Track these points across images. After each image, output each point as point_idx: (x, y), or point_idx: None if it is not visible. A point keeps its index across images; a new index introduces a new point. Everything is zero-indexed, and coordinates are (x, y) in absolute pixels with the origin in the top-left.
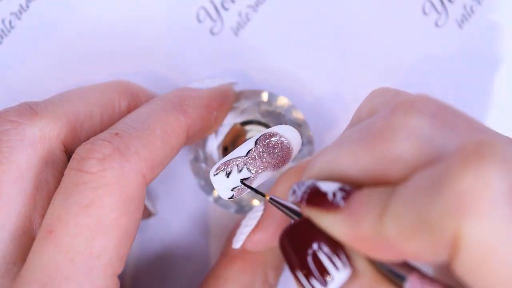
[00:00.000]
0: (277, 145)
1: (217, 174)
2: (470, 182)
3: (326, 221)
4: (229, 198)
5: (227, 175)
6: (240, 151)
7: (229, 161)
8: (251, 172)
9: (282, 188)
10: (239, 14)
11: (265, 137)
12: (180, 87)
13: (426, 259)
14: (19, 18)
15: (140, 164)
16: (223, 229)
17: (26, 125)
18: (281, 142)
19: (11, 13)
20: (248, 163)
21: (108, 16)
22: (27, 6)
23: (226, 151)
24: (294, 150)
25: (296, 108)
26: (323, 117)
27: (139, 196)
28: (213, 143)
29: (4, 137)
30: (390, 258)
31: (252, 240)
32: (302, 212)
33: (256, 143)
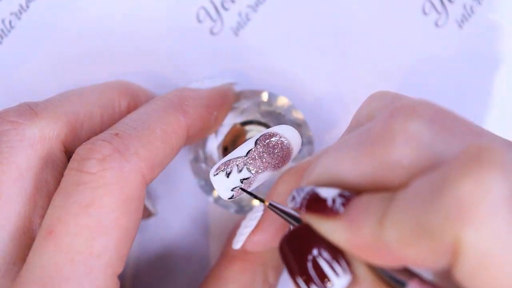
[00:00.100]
0: (277, 145)
1: (217, 174)
2: (469, 188)
3: (325, 227)
4: (229, 198)
5: (227, 175)
6: (240, 151)
7: (229, 161)
8: (251, 172)
9: (281, 189)
10: (239, 14)
11: (265, 137)
12: (180, 87)
13: (426, 265)
14: (19, 18)
15: (140, 164)
16: (223, 229)
17: (26, 126)
18: (281, 142)
19: (11, 13)
20: (248, 163)
21: (108, 16)
22: (27, 6)
23: (226, 151)
24: (294, 150)
25: (296, 108)
26: (323, 117)
27: (139, 196)
28: (213, 143)
29: (4, 137)
30: (390, 264)
31: (252, 241)
32: (302, 218)
33: (256, 143)
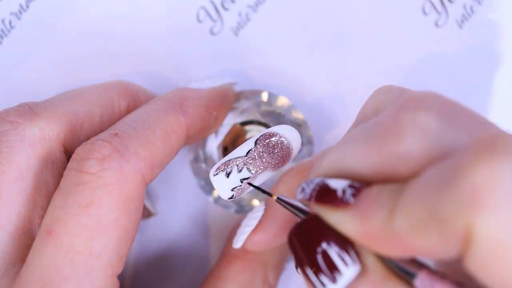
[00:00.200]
0: (277, 145)
1: (217, 174)
2: (483, 175)
3: (335, 218)
4: (229, 198)
5: (227, 175)
6: (240, 151)
7: (229, 161)
8: (251, 172)
9: (282, 189)
10: (239, 14)
11: (265, 137)
12: (180, 87)
13: (437, 254)
14: (19, 18)
15: (139, 164)
16: (223, 229)
17: (26, 126)
18: (281, 142)
19: (11, 13)
20: (248, 163)
21: (108, 16)
22: (27, 6)
23: (226, 151)
24: (294, 150)
25: (296, 108)
26: (323, 117)
27: (138, 196)
28: (213, 143)
29: (4, 137)
30: (400, 254)
31: (253, 240)
32: (312, 209)
33: (256, 143)
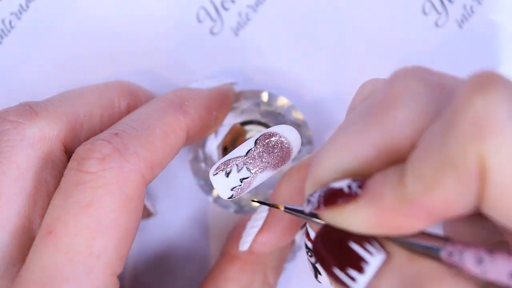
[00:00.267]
0: (276, 145)
1: (216, 173)
2: (481, 105)
3: (348, 216)
4: (228, 198)
5: (227, 175)
6: (240, 151)
7: (228, 161)
8: (250, 172)
9: (285, 188)
10: (239, 14)
11: (264, 137)
12: (180, 87)
13: (457, 207)
14: (19, 18)
15: (139, 164)
16: (223, 229)
17: (26, 125)
18: (280, 142)
19: (11, 13)
20: (248, 163)
21: (108, 16)
22: (27, 6)
23: (225, 151)
24: (294, 150)
25: (296, 108)
26: (323, 117)
27: (138, 196)
28: (213, 143)
29: (4, 137)
30: (420, 226)
31: (259, 242)
32: (323, 219)
33: (255, 143)
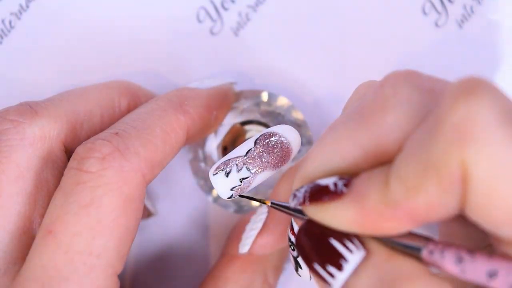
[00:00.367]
0: (276, 145)
1: (216, 173)
2: (463, 111)
3: (332, 213)
4: (228, 198)
5: (227, 175)
6: (240, 150)
7: (228, 161)
8: (250, 171)
9: (283, 189)
10: (239, 14)
11: (264, 137)
12: (180, 87)
13: (439, 211)
14: (19, 18)
15: (139, 163)
16: (223, 229)
17: (26, 125)
18: (280, 142)
19: (11, 13)
20: (248, 163)
21: (108, 16)
22: (27, 6)
23: (225, 150)
24: (294, 150)
25: (295, 108)
26: (323, 117)
27: (138, 195)
28: (213, 143)
29: (4, 136)
30: (402, 227)
31: (259, 244)
32: (307, 214)
33: (255, 142)
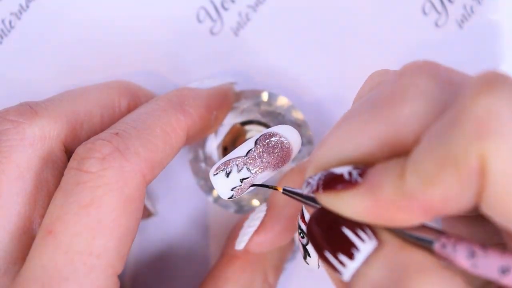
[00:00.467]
0: (277, 145)
1: (216, 174)
2: (485, 105)
3: (345, 202)
4: (228, 198)
5: (227, 175)
6: (240, 151)
7: (228, 161)
8: (250, 172)
9: (291, 181)
10: (239, 14)
11: (265, 137)
12: (180, 87)
13: (455, 203)
14: (19, 18)
15: (140, 164)
16: (223, 229)
17: (26, 125)
18: (281, 142)
19: (11, 13)
20: (248, 163)
21: (108, 16)
22: (27, 6)
23: (226, 151)
24: (294, 150)
25: (296, 108)
26: (323, 117)
27: (139, 195)
28: (213, 143)
29: (4, 136)
30: (414, 220)
31: (255, 242)
32: (320, 202)
33: (256, 143)
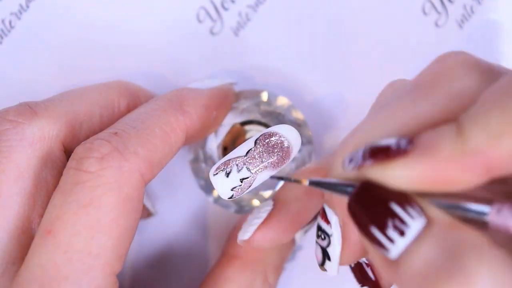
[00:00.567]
0: (276, 145)
1: (216, 174)
2: None
3: (398, 171)
4: (229, 198)
5: (227, 175)
6: (240, 150)
7: (228, 161)
8: (250, 171)
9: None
10: (239, 14)
11: (264, 137)
12: (180, 87)
13: None
14: (19, 18)
15: (139, 163)
16: (223, 229)
17: (26, 125)
18: (280, 141)
19: (11, 13)
20: (248, 163)
21: (108, 16)
22: (27, 6)
23: (225, 151)
24: (294, 149)
25: (295, 108)
26: (323, 117)
27: (138, 195)
28: (213, 143)
29: (4, 136)
30: (477, 180)
31: (260, 235)
32: (366, 176)
33: (255, 142)
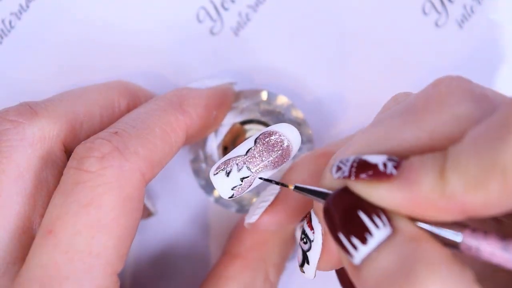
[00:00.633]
0: (276, 144)
1: (217, 173)
2: None
3: (379, 192)
4: (229, 197)
5: (227, 174)
6: (240, 150)
7: (228, 160)
8: (251, 171)
9: (296, 176)
10: (239, 14)
11: (264, 136)
12: (180, 87)
13: (495, 208)
14: (19, 18)
15: (139, 163)
16: (224, 229)
17: (26, 125)
18: (280, 140)
19: (11, 13)
20: (248, 162)
21: (108, 16)
22: (27, 6)
23: (226, 150)
24: (294, 148)
25: (295, 107)
26: (323, 115)
27: (138, 195)
28: (213, 143)
29: (4, 136)
30: (450, 218)
31: (267, 217)
32: (351, 188)
33: (255, 141)
